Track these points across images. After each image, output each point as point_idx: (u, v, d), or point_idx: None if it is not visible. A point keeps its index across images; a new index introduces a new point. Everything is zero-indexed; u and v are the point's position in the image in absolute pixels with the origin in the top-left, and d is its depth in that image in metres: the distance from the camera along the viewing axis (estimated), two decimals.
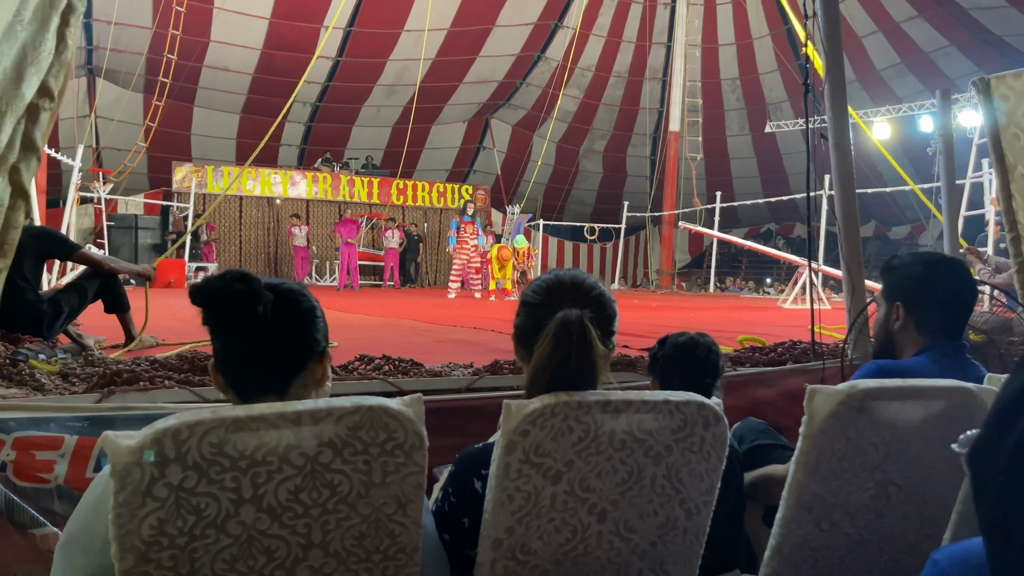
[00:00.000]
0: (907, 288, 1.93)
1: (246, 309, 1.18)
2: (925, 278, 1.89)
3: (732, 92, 21.99)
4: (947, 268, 1.91)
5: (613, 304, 1.47)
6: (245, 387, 1.22)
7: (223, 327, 1.21)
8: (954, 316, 1.89)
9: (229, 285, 1.18)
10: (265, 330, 1.20)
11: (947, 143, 4.31)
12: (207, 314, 1.21)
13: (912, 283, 1.91)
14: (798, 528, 1.47)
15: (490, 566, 1.24)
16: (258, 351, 1.21)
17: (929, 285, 1.88)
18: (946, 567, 0.82)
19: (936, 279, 1.88)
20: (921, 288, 1.89)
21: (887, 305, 1.99)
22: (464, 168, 22.57)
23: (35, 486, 1.96)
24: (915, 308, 1.91)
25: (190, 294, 1.20)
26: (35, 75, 1.82)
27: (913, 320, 1.91)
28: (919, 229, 19.57)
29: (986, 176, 10.90)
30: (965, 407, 1.49)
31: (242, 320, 1.19)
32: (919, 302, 1.90)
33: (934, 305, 1.88)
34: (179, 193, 16.53)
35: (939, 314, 1.88)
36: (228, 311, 1.19)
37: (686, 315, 9.34)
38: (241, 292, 1.18)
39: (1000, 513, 0.69)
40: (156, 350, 4.05)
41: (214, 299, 1.19)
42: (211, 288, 1.19)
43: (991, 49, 16.53)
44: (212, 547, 1.01)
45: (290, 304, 1.24)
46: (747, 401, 3.17)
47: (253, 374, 1.22)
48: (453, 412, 2.61)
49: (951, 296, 1.88)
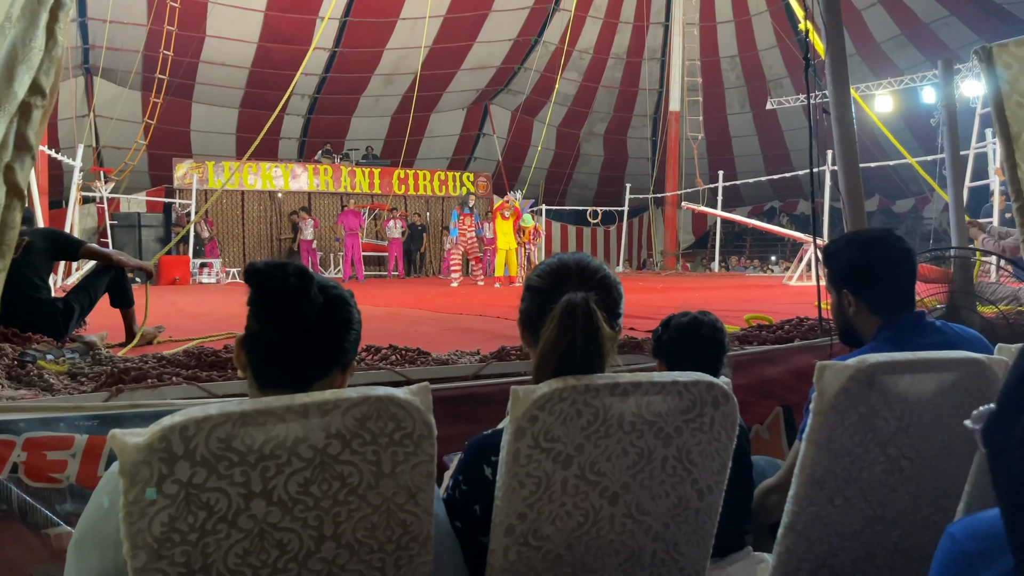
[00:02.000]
0: (848, 274, 1.93)
1: (294, 305, 1.19)
2: (862, 260, 1.89)
3: (732, 70, 21.84)
4: (880, 244, 1.90)
5: (618, 286, 1.46)
6: (266, 375, 1.22)
7: (266, 314, 1.21)
8: (901, 288, 1.89)
9: (288, 278, 1.19)
10: (304, 330, 1.20)
11: (950, 114, 4.28)
12: (255, 295, 1.22)
13: (851, 267, 1.92)
14: (811, 505, 1.47)
15: (503, 552, 1.23)
16: (291, 347, 1.21)
17: (868, 265, 1.88)
18: (963, 539, 0.81)
19: (873, 257, 1.88)
20: (862, 270, 1.89)
21: (836, 294, 1.98)
22: (465, 156, 22.51)
23: (47, 486, 1.97)
24: (861, 291, 1.91)
25: (247, 272, 1.22)
26: (26, 73, 1.80)
27: (864, 303, 1.91)
28: (923, 201, 19.47)
29: (990, 146, 10.83)
30: (977, 378, 1.48)
31: (287, 314, 1.19)
32: (863, 285, 1.90)
33: (878, 284, 1.88)
34: (181, 190, 16.52)
35: (886, 291, 1.88)
36: (277, 301, 1.20)
37: (691, 295, 9.33)
38: (295, 288, 1.18)
39: (1018, 486, 0.68)
40: (163, 347, 4.06)
41: (269, 286, 1.20)
42: (270, 274, 1.20)
43: (992, 18, 16.37)
44: (224, 542, 1.01)
45: (335, 311, 1.24)
46: (755, 379, 3.17)
47: (278, 366, 1.22)
48: (461, 400, 2.61)
49: (891, 270, 1.88)
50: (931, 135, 11.96)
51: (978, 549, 0.79)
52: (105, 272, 4.26)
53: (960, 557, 0.80)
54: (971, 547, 0.79)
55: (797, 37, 18.01)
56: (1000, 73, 3.37)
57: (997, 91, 3.37)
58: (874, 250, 1.89)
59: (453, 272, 13.86)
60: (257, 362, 1.22)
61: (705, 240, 22.66)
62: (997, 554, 0.75)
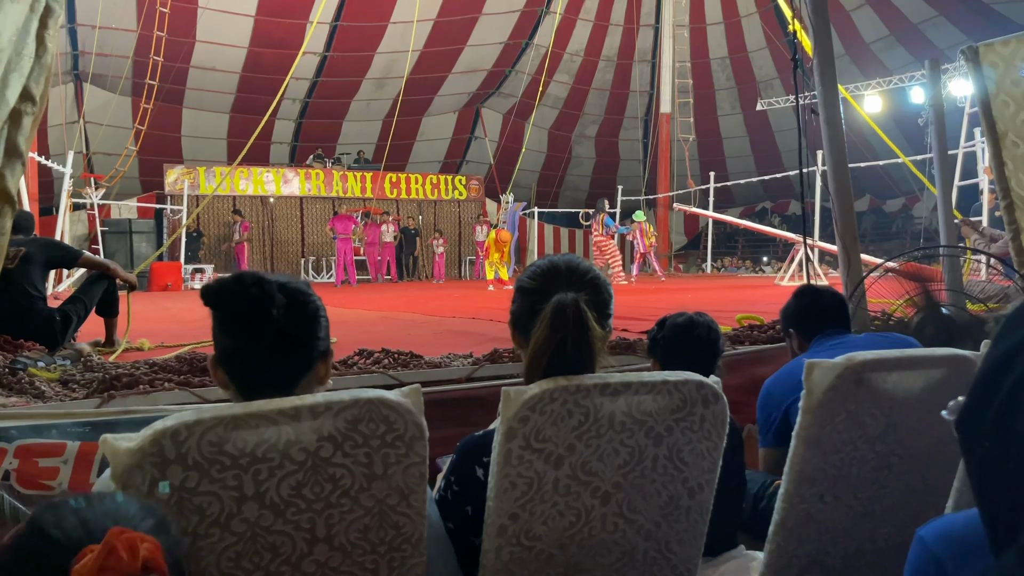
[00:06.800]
0: (790, 318, 2.56)
1: (262, 312, 1.18)
2: (797, 306, 2.54)
3: (722, 71, 21.92)
4: (812, 291, 2.57)
5: (608, 287, 1.47)
6: (251, 385, 1.20)
7: (237, 328, 1.20)
8: (831, 317, 2.48)
9: (247, 288, 1.18)
10: (278, 333, 1.19)
11: (938, 113, 4.30)
12: (221, 314, 1.20)
13: (791, 313, 2.56)
14: (801, 502, 1.48)
15: (495, 553, 1.24)
16: (268, 352, 1.20)
17: (801, 310, 2.53)
18: (932, 543, 0.82)
19: (805, 302, 2.53)
20: (798, 314, 2.53)
21: (788, 339, 2.60)
22: (457, 159, 22.51)
23: (40, 493, 1.96)
24: (798, 328, 2.53)
25: (203, 296, 1.19)
26: (17, 80, 1.80)
27: (800, 336, 2.52)
28: (913, 201, 19.58)
29: (979, 145, 10.90)
30: (964, 375, 1.49)
31: (257, 323, 1.18)
32: (798, 324, 2.53)
33: (808, 321, 2.50)
34: (172, 195, 16.46)
35: (813, 323, 2.48)
36: (243, 315, 1.18)
37: (684, 296, 9.35)
38: (258, 296, 1.17)
39: (990, 475, 0.69)
40: (155, 353, 4.05)
41: (230, 303, 1.19)
42: (228, 290, 1.19)
43: (979, 17, 16.47)
44: (217, 546, 1.01)
45: (300, 306, 1.23)
46: (747, 379, 3.18)
47: (261, 373, 1.21)
48: (454, 402, 2.62)
49: (818, 308, 2.49)
50: (920, 134, 12.03)
51: (948, 553, 0.79)
52: (100, 281, 4.30)
53: (931, 561, 0.81)
54: (941, 551, 0.80)
55: (786, 38, 18.08)
56: (987, 72, 3.40)
57: (984, 90, 3.40)
58: (806, 296, 2.55)
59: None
60: (240, 377, 1.21)
61: (697, 241, 22.72)
62: (967, 557, 0.76)
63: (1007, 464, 0.67)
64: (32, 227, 4.43)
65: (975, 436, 0.71)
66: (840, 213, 3.62)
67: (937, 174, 4.31)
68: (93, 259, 4.49)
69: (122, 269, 4.71)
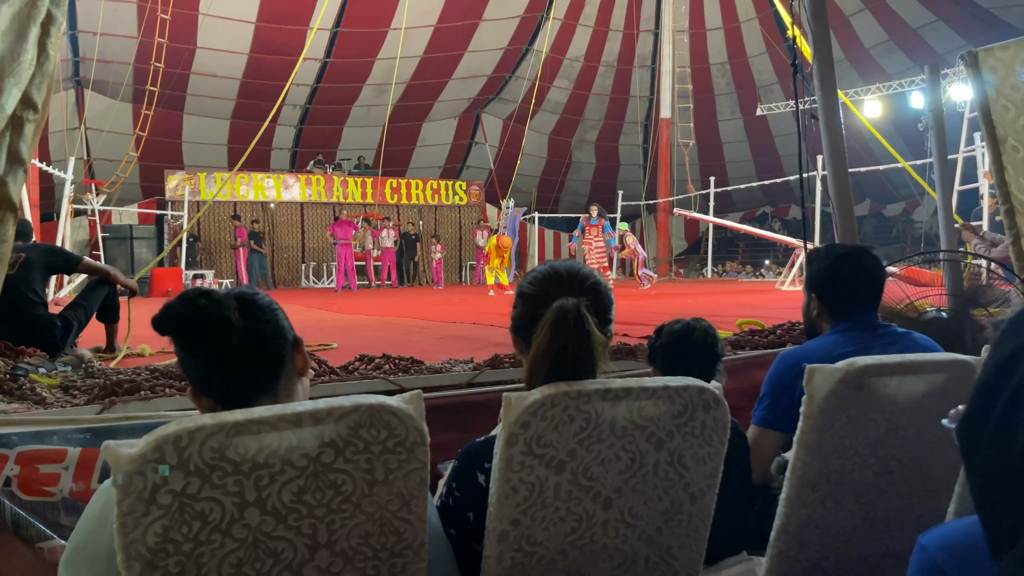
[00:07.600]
0: (818, 280, 2.17)
1: (219, 320, 1.15)
2: (832, 270, 2.12)
3: (722, 76, 21.95)
4: (852, 259, 2.12)
5: (609, 292, 1.47)
6: (234, 397, 1.17)
7: (200, 345, 1.17)
8: (864, 298, 2.10)
9: (194, 303, 1.15)
10: (241, 335, 1.17)
11: (937, 118, 4.30)
12: (181, 339, 1.17)
13: (821, 275, 2.15)
14: (803, 507, 1.48)
15: (497, 559, 1.24)
16: (240, 357, 1.18)
17: (836, 276, 2.11)
18: (934, 551, 0.82)
19: (843, 270, 2.10)
20: (829, 279, 2.13)
21: (807, 295, 2.23)
22: (457, 164, 22.53)
23: (41, 499, 1.96)
24: (825, 296, 2.15)
25: (156, 326, 1.15)
26: (15, 87, 1.80)
27: (824, 307, 2.15)
28: (913, 205, 19.60)
29: (979, 149, 10.90)
30: (964, 379, 1.49)
31: (218, 330, 1.15)
32: (828, 291, 2.14)
33: (841, 292, 2.11)
34: (173, 201, 16.48)
35: (846, 299, 2.10)
36: (202, 327, 1.15)
37: (684, 301, 9.35)
38: (207, 306, 1.15)
39: (990, 482, 0.69)
40: (156, 359, 4.05)
41: (184, 320, 1.15)
42: (177, 312, 1.15)
43: (979, 22, 16.50)
44: (218, 552, 1.01)
45: (252, 303, 1.21)
46: (749, 384, 3.17)
47: (239, 382, 1.19)
48: (455, 408, 2.61)
49: (855, 282, 2.10)
50: (920, 139, 12.04)
51: (950, 561, 0.79)
52: (101, 287, 4.31)
53: (933, 569, 0.81)
54: (943, 559, 0.80)
55: (786, 43, 18.11)
56: (986, 77, 3.40)
57: (984, 95, 3.40)
58: (844, 263, 2.11)
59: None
60: (221, 393, 1.19)
61: (698, 246, 22.73)
62: (969, 565, 0.76)
63: (1007, 469, 0.67)
64: (31, 233, 4.45)
65: (976, 441, 0.71)
66: (840, 217, 3.62)
67: (937, 178, 4.31)
68: (93, 265, 4.50)
69: (122, 275, 4.71)
